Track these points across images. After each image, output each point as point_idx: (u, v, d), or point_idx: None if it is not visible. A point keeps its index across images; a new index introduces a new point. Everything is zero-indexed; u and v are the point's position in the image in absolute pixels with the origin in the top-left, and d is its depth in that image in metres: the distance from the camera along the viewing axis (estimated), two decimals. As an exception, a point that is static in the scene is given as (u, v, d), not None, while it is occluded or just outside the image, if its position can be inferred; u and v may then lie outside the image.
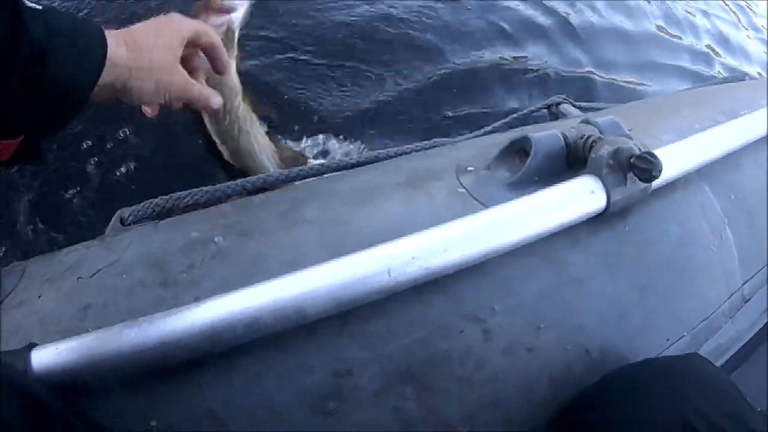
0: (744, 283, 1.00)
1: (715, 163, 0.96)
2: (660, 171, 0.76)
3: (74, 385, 0.60)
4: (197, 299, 0.68)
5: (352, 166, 1.04)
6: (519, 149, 0.87)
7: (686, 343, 0.89)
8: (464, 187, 0.85)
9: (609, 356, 0.80)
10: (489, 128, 1.26)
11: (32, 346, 0.60)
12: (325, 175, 1.01)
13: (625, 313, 0.83)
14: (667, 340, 0.87)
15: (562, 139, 0.84)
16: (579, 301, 0.80)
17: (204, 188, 0.95)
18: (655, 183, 0.84)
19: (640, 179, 0.78)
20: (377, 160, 1.05)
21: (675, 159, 0.88)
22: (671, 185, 0.90)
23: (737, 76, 1.72)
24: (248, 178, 0.99)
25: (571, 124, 0.92)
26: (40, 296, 0.71)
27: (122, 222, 0.90)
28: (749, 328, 1.00)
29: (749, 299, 1.01)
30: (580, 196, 0.78)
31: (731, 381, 0.74)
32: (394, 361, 0.69)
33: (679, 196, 0.94)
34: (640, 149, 0.78)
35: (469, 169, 0.89)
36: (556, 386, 0.77)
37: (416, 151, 1.09)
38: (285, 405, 0.65)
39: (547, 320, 0.77)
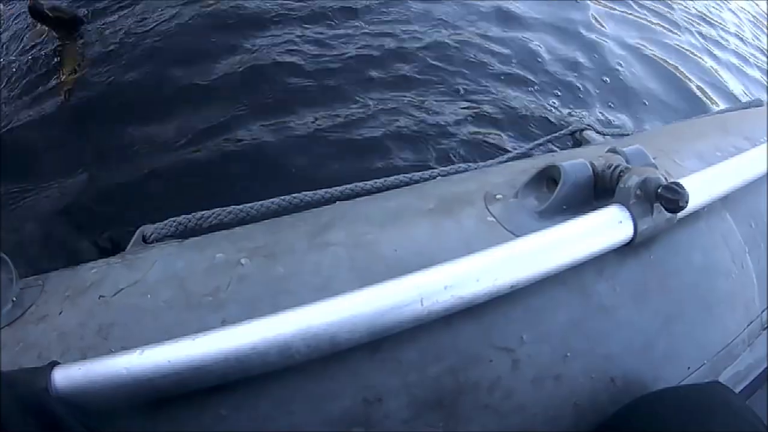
0: (762, 311, 0.99)
1: (737, 191, 0.95)
2: (687, 202, 0.75)
3: (96, 406, 0.59)
4: (224, 322, 0.67)
5: (380, 189, 1.03)
6: (547, 177, 0.87)
7: (706, 370, 0.88)
8: (493, 216, 0.84)
9: (633, 385, 0.80)
10: (514, 154, 1.26)
11: (54, 364, 0.59)
12: (353, 199, 1.00)
13: (650, 341, 0.83)
14: (689, 368, 0.86)
15: (591, 168, 0.84)
16: (606, 330, 0.79)
17: (228, 208, 0.95)
18: (680, 212, 0.83)
19: (666, 209, 0.78)
20: (405, 183, 1.05)
21: (699, 188, 0.88)
22: (695, 214, 0.90)
23: (756, 102, 1.72)
24: (273, 199, 0.99)
25: (597, 152, 0.91)
26: (61, 312, 0.70)
27: (144, 239, 0.89)
28: (766, 355, 0.99)
29: (767, 327, 1.00)
30: (608, 226, 0.77)
31: (753, 410, 0.74)
32: (424, 389, 0.68)
33: (702, 224, 0.93)
34: (666, 179, 0.78)
35: (498, 196, 0.88)
36: (582, 415, 0.76)
37: (443, 175, 1.09)
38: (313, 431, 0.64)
39: (574, 349, 0.76)
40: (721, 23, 4.60)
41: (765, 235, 1.03)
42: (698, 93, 3.20)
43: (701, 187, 0.88)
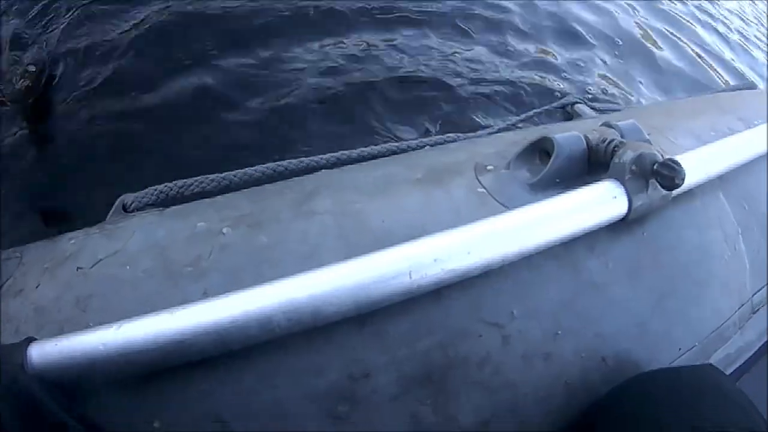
0: (753, 294, 0.99)
1: (731, 172, 0.95)
2: (683, 179, 0.74)
3: (73, 383, 0.57)
4: (206, 293, 0.65)
5: (367, 158, 1.01)
6: (540, 149, 0.85)
7: (697, 352, 0.87)
8: (484, 187, 0.82)
9: (625, 365, 0.79)
10: (504, 125, 1.24)
11: (30, 340, 0.57)
12: (340, 167, 0.98)
13: (642, 321, 0.82)
14: (680, 349, 0.86)
15: (585, 141, 0.82)
16: (597, 308, 0.78)
17: (210, 176, 0.92)
18: (675, 190, 0.82)
19: (662, 186, 0.77)
20: (392, 152, 1.03)
21: (695, 166, 0.86)
22: (689, 193, 0.89)
23: (748, 84, 1.72)
24: (257, 167, 0.96)
25: (589, 126, 0.90)
26: (38, 285, 0.68)
27: (125, 208, 0.87)
28: (756, 339, 0.99)
29: (758, 310, 1.00)
30: (602, 201, 0.76)
31: (745, 394, 0.73)
32: (412, 364, 0.66)
33: (697, 203, 0.92)
34: (663, 156, 0.77)
35: (489, 167, 0.86)
36: (573, 394, 0.75)
37: (432, 145, 1.07)
38: (296, 408, 0.63)
39: (565, 327, 0.75)
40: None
41: (758, 219, 1.03)
42: (697, 72, 3.21)
43: (696, 165, 0.87)
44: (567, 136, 0.82)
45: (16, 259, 0.73)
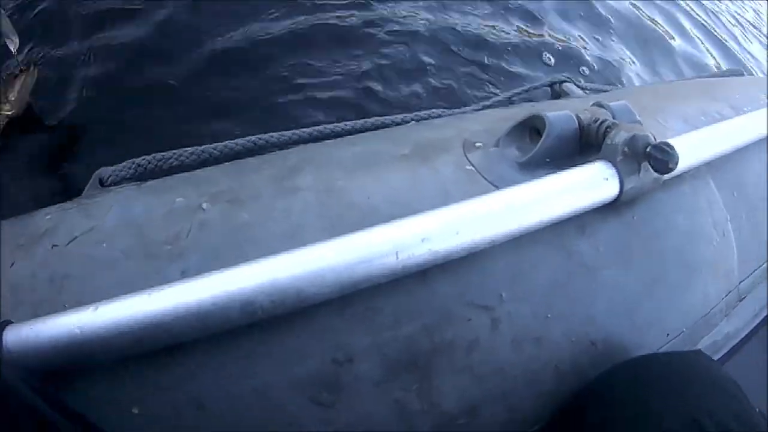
0: (741, 282, 0.99)
1: (721, 158, 0.94)
2: (676, 163, 0.73)
3: (50, 367, 0.56)
4: (184, 273, 0.63)
5: (351, 132, 0.99)
6: (531, 127, 0.84)
7: (685, 338, 0.87)
8: (472, 164, 0.81)
9: (614, 349, 0.78)
10: (491, 102, 1.22)
11: (6, 323, 0.55)
12: (324, 141, 0.95)
13: (632, 305, 0.81)
14: (668, 335, 0.85)
15: (576, 121, 0.81)
16: (588, 291, 0.77)
17: (189, 149, 0.90)
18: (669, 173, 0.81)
19: (654, 169, 0.76)
20: (377, 127, 1.01)
21: (686, 150, 0.85)
22: (680, 177, 0.88)
23: (737, 71, 1.72)
24: (238, 140, 0.94)
25: (580, 105, 0.88)
26: (12, 264, 0.65)
27: (101, 183, 0.84)
28: (743, 326, 1.01)
29: (744, 297, 1.01)
30: (593, 183, 0.75)
31: (735, 381, 0.73)
32: (398, 349, 0.65)
33: (687, 188, 0.92)
34: (656, 138, 0.75)
35: (477, 144, 0.85)
36: (562, 379, 0.74)
37: (418, 120, 1.05)
38: (278, 393, 0.61)
39: (555, 310, 0.74)
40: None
41: (746, 206, 1.03)
42: (691, 54, 3.22)
43: (687, 149, 0.86)
44: (559, 114, 0.80)
45: None
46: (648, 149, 0.74)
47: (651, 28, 3.24)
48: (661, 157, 0.73)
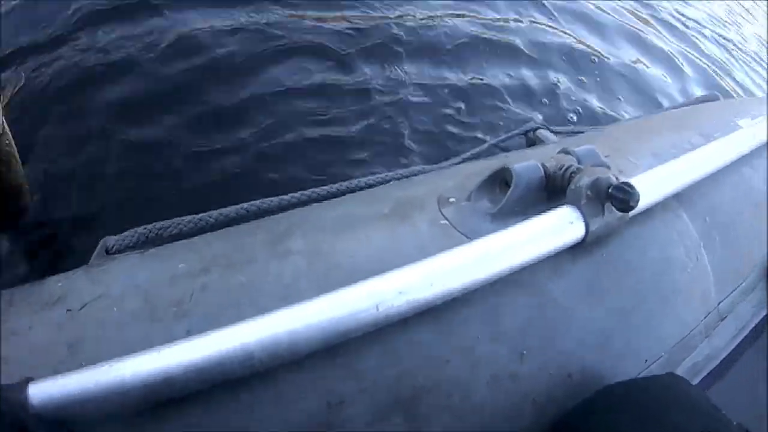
0: (719, 303, 1.03)
1: (691, 186, 0.98)
2: (637, 201, 0.78)
3: (70, 420, 0.60)
4: (188, 332, 0.68)
5: (336, 194, 1.05)
6: (500, 179, 0.89)
7: (664, 363, 0.91)
8: (446, 219, 0.86)
9: (590, 379, 0.82)
10: (468, 155, 1.28)
11: (29, 380, 0.60)
12: (311, 205, 1.01)
13: (605, 337, 0.85)
14: (646, 361, 0.89)
15: (542, 169, 0.86)
16: (561, 327, 0.82)
17: (187, 218, 0.95)
18: (632, 210, 0.85)
19: (617, 209, 0.81)
20: (360, 188, 1.07)
21: (652, 186, 0.91)
22: (649, 211, 0.93)
23: (711, 96, 1.77)
24: (231, 207, 1.00)
25: (549, 153, 0.93)
26: (30, 327, 0.71)
27: (107, 251, 0.90)
28: (725, 345, 1.03)
29: (725, 317, 1.04)
30: (559, 227, 0.80)
31: (707, 396, 0.76)
32: (384, 392, 0.70)
33: (656, 222, 0.96)
34: (617, 179, 0.81)
35: (451, 200, 0.90)
36: (541, 412, 0.78)
37: (397, 179, 1.11)
38: None
39: (530, 347, 0.78)
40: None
41: (719, 229, 1.06)
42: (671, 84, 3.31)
43: (654, 184, 0.91)
44: (525, 165, 0.86)
45: (7, 301, 0.76)
46: (610, 190, 0.79)
47: (631, 61, 3.34)
48: (622, 197, 0.78)
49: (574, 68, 2.96)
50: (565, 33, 3.22)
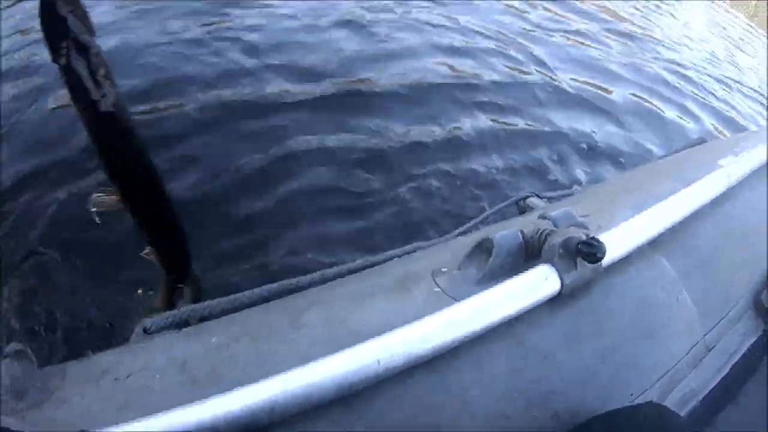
0: (705, 334, 1.10)
1: (668, 231, 1.09)
2: (604, 253, 0.89)
3: None
4: (222, 392, 0.80)
5: (347, 273, 1.17)
6: (484, 249, 1.00)
7: (650, 396, 0.98)
8: (440, 287, 0.98)
9: (577, 416, 0.90)
10: (463, 228, 1.40)
11: None
12: (326, 284, 1.13)
13: (590, 375, 0.94)
14: (631, 395, 0.97)
15: (521, 235, 0.98)
16: (545, 371, 0.92)
17: (214, 301, 1.08)
18: (609, 259, 0.97)
19: (588, 262, 0.92)
20: (368, 266, 1.18)
21: (626, 236, 1.02)
22: (626, 259, 1.03)
23: (699, 140, 1.87)
24: (254, 290, 1.12)
25: (529, 220, 1.06)
26: (83, 395, 0.81)
27: (145, 331, 1.02)
28: (714, 375, 1.09)
29: (713, 347, 1.11)
30: (536, 284, 0.91)
31: (685, 421, 0.85)
32: None
33: (633, 268, 1.06)
34: (586, 236, 0.92)
35: (443, 270, 1.02)
36: None
37: (401, 255, 1.24)
38: None
39: (516, 391, 0.88)
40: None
41: (698, 264, 1.16)
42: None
43: (628, 234, 1.03)
44: (505, 234, 0.98)
45: (62, 373, 0.85)
46: (579, 246, 0.90)
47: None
48: (590, 251, 0.89)
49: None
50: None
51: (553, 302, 0.94)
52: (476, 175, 2.76)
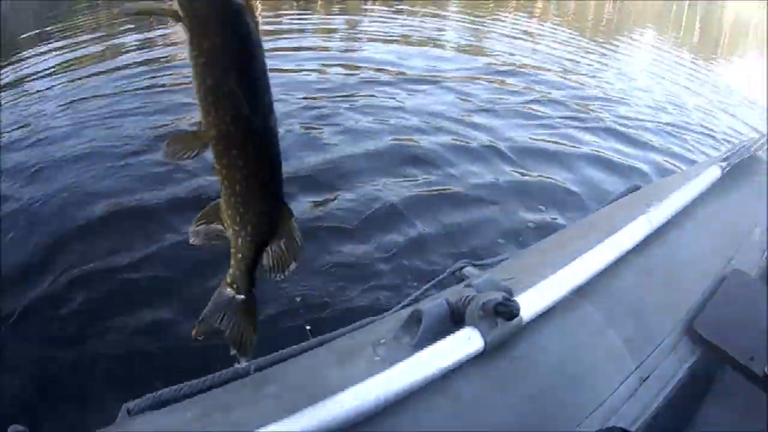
0: (637, 367, 1.22)
1: (590, 280, 1.21)
2: (518, 310, 1.04)
3: None
4: None
5: (301, 351, 1.27)
6: (416, 319, 1.14)
7: (586, 428, 1.09)
8: (378, 356, 1.11)
9: None
10: (405, 302, 1.53)
11: None
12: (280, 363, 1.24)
13: (519, 418, 1.06)
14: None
15: (447, 304, 1.13)
16: (478, 420, 1.04)
17: (192, 381, 1.21)
18: (532, 313, 1.11)
19: (506, 319, 1.06)
20: (320, 343, 1.29)
21: (548, 290, 1.16)
22: (551, 310, 1.17)
23: (632, 188, 1.99)
24: (223, 372, 1.24)
25: (457, 289, 1.20)
26: None
27: (129, 412, 1.12)
28: (653, 400, 1.20)
29: (647, 377, 1.22)
30: (461, 344, 1.06)
31: None
32: None
33: (558, 317, 1.19)
34: (503, 297, 1.06)
35: (382, 341, 1.15)
36: None
37: (350, 332, 1.35)
38: None
39: None
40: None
41: (621, 304, 1.28)
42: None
43: (549, 289, 1.17)
44: (432, 304, 1.13)
45: None
46: (496, 307, 1.05)
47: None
48: (504, 310, 1.04)
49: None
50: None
51: (480, 358, 1.07)
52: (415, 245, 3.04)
